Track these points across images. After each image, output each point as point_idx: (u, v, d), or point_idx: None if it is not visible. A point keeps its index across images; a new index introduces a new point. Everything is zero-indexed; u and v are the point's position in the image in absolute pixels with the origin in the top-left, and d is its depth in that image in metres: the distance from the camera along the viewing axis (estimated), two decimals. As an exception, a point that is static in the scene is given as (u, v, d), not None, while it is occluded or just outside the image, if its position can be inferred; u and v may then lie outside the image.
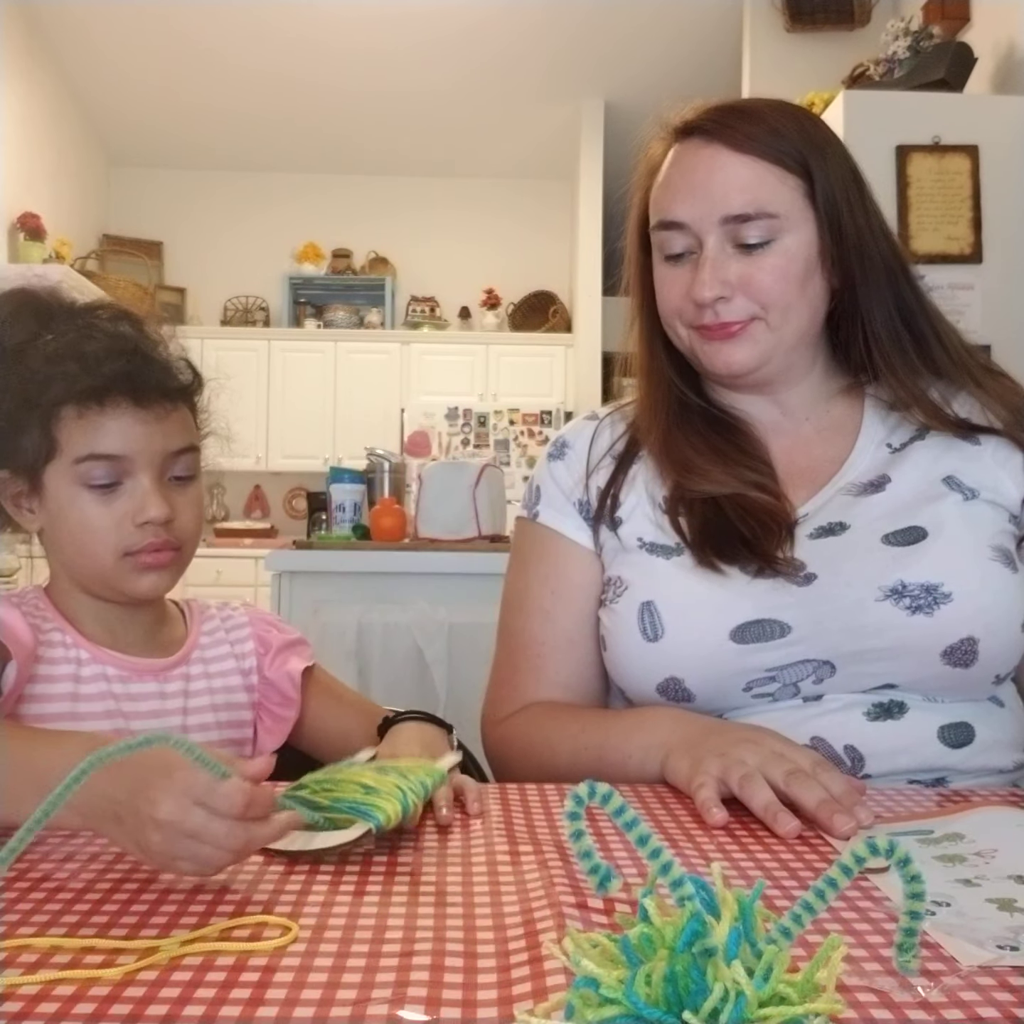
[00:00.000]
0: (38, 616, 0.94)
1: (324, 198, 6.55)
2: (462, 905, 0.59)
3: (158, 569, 0.93)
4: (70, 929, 0.55)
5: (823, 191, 0.95)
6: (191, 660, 1.01)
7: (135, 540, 0.91)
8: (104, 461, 0.90)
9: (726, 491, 0.97)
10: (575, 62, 5.37)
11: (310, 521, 3.60)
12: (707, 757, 0.79)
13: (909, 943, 0.48)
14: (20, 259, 5.09)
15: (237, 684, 1.03)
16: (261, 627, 1.06)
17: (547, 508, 1.07)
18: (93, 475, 0.90)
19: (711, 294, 0.94)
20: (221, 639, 1.04)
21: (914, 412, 1.00)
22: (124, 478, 0.91)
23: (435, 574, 2.38)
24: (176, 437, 0.94)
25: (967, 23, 3.20)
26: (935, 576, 0.90)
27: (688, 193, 0.95)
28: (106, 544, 0.91)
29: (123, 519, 0.91)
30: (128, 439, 0.91)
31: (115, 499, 0.91)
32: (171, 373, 0.95)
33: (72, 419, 0.90)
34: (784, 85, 3.51)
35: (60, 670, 0.92)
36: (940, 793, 0.84)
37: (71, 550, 0.93)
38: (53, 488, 0.92)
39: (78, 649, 0.94)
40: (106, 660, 0.95)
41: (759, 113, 0.96)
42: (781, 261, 0.94)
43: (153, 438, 0.92)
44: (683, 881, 0.42)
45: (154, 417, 0.92)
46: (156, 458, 0.92)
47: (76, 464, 0.90)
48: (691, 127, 0.98)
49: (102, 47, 5.30)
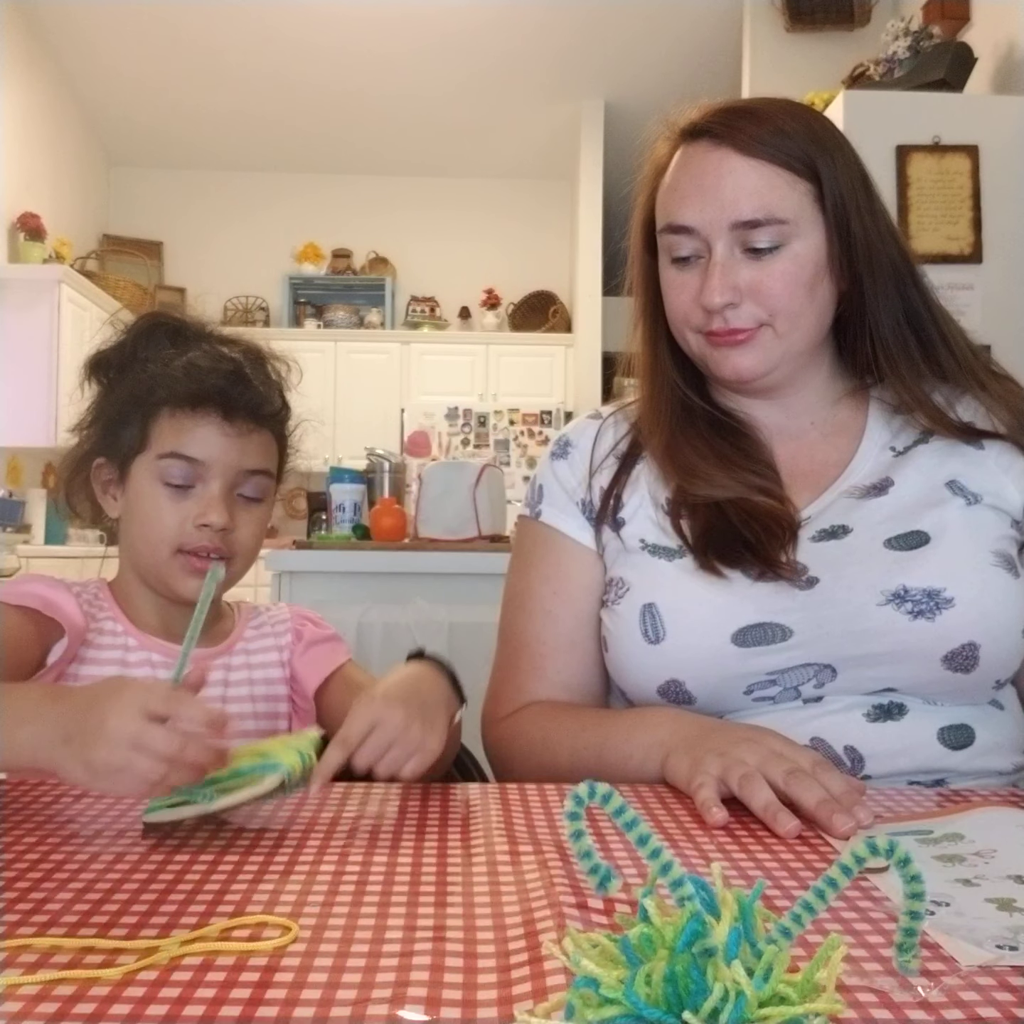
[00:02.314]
0: (95, 605, 1.03)
1: (324, 198, 6.55)
2: (462, 905, 0.59)
3: (204, 573, 0.97)
4: (70, 929, 0.55)
5: (832, 195, 0.94)
6: (235, 651, 1.07)
7: (191, 539, 0.99)
8: (183, 461, 0.99)
9: (729, 495, 0.97)
10: (575, 62, 5.37)
11: (310, 521, 3.60)
12: (707, 756, 0.79)
13: (909, 943, 0.48)
14: (20, 259, 5.09)
15: (278, 676, 1.09)
16: (298, 621, 1.14)
17: (549, 507, 1.06)
18: (171, 472, 0.99)
19: (721, 300, 0.93)
20: (267, 632, 1.11)
21: (918, 416, 1.00)
22: (197, 482, 0.99)
23: (435, 574, 2.38)
24: (254, 457, 1.02)
25: (967, 23, 3.20)
26: (937, 581, 0.89)
27: (697, 198, 0.95)
28: (165, 537, 0.99)
29: (186, 518, 0.99)
30: (208, 446, 0.99)
31: (185, 499, 0.99)
32: (263, 398, 1.04)
33: (166, 418, 0.99)
34: (784, 85, 3.51)
35: (108, 655, 1.00)
36: (940, 793, 0.84)
37: (136, 537, 1.01)
38: (136, 478, 1.01)
39: (127, 637, 1.02)
40: (153, 647, 1.02)
41: (767, 115, 0.95)
42: (791, 267, 0.94)
43: (231, 452, 1.00)
44: (683, 881, 0.42)
45: (236, 432, 1.00)
46: (230, 472, 1.00)
47: (159, 459, 0.99)
48: (699, 129, 0.96)
49: (102, 48, 5.31)
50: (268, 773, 0.72)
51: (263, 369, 1.07)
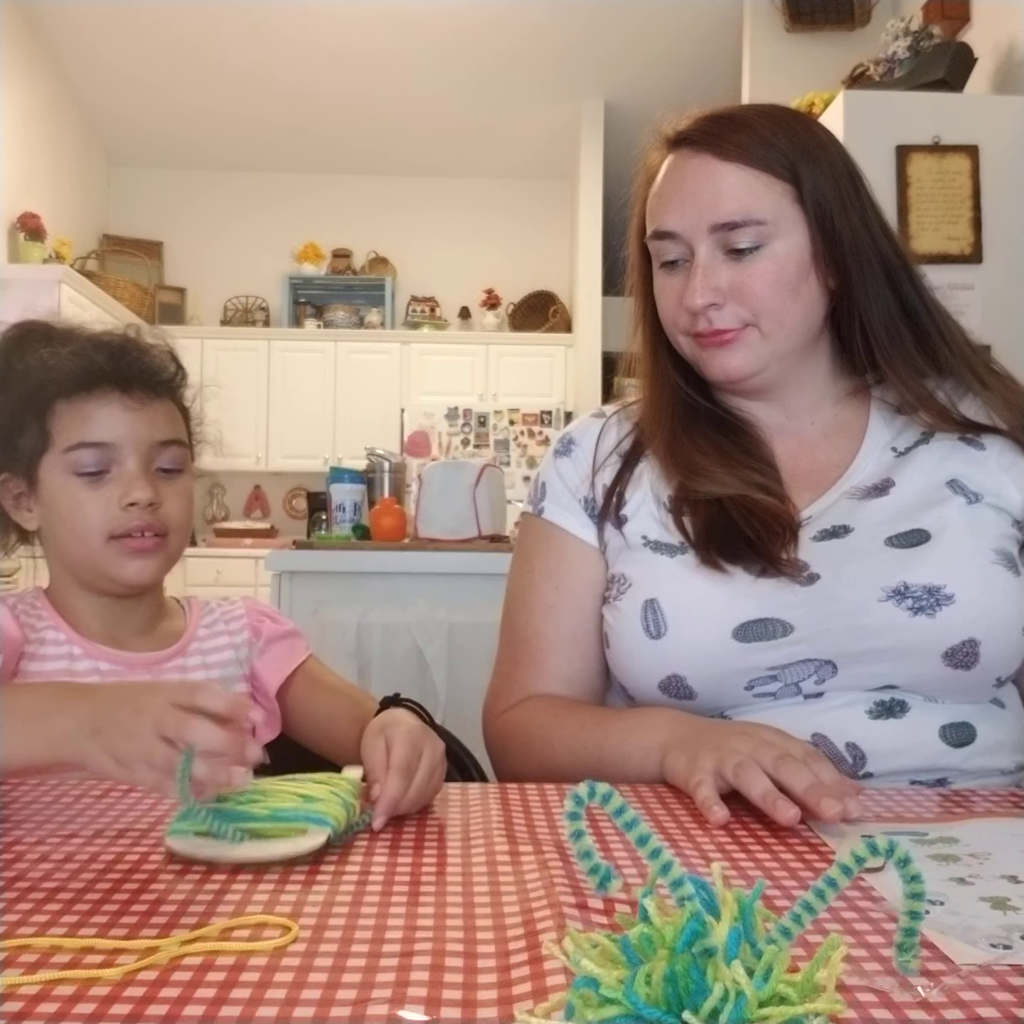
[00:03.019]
0: (33, 615, 0.98)
1: (324, 198, 6.55)
2: (462, 905, 0.59)
3: (143, 554, 0.97)
4: (70, 929, 0.55)
5: (812, 194, 0.95)
6: (188, 652, 1.03)
7: (121, 523, 0.96)
8: (92, 449, 0.95)
9: (730, 492, 0.97)
10: (575, 62, 5.37)
11: (310, 521, 3.60)
12: (702, 752, 0.79)
13: (909, 943, 0.48)
14: (20, 259, 5.09)
15: (236, 675, 1.05)
16: (255, 617, 1.10)
17: (552, 504, 1.07)
18: (82, 462, 0.96)
19: (702, 301, 0.95)
20: (220, 631, 1.07)
21: (921, 413, 1.00)
22: (112, 465, 0.96)
23: (435, 574, 2.38)
24: (162, 428, 0.99)
25: (967, 23, 3.20)
26: (938, 578, 0.90)
27: (678, 203, 0.97)
28: (93, 527, 0.96)
29: (110, 502, 0.96)
30: (114, 426, 0.96)
31: (103, 485, 0.96)
32: (156, 365, 1.01)
33: (63, 410, 0.96)
34: (784, 85, 3.51)
35: (53, 666, 0.96)
36: (940, 793, 0.84)
37: (63, 536, 0.98)
38: (47, 479, 0.97)
39: (71, 645, 0.97)
40: (99, 655, 0.98)
41: (748, 121, 0.97)
42: (772, 267, 0.95)
43: (139, 426, 0.97)
44: (683, 881, 0.42)
45: (139, 405, 0.97)
46: (142, 446, 0.97)
47: (66, 453, 0.96)
48: (682, 137, 0.99)
49: (102, 48, 5.30)
50: (312, 826, 0.66)
51: (147, 340, 1.03)
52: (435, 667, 2.31)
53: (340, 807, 0.69)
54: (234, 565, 5.57)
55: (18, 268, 5.03)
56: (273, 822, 0.67)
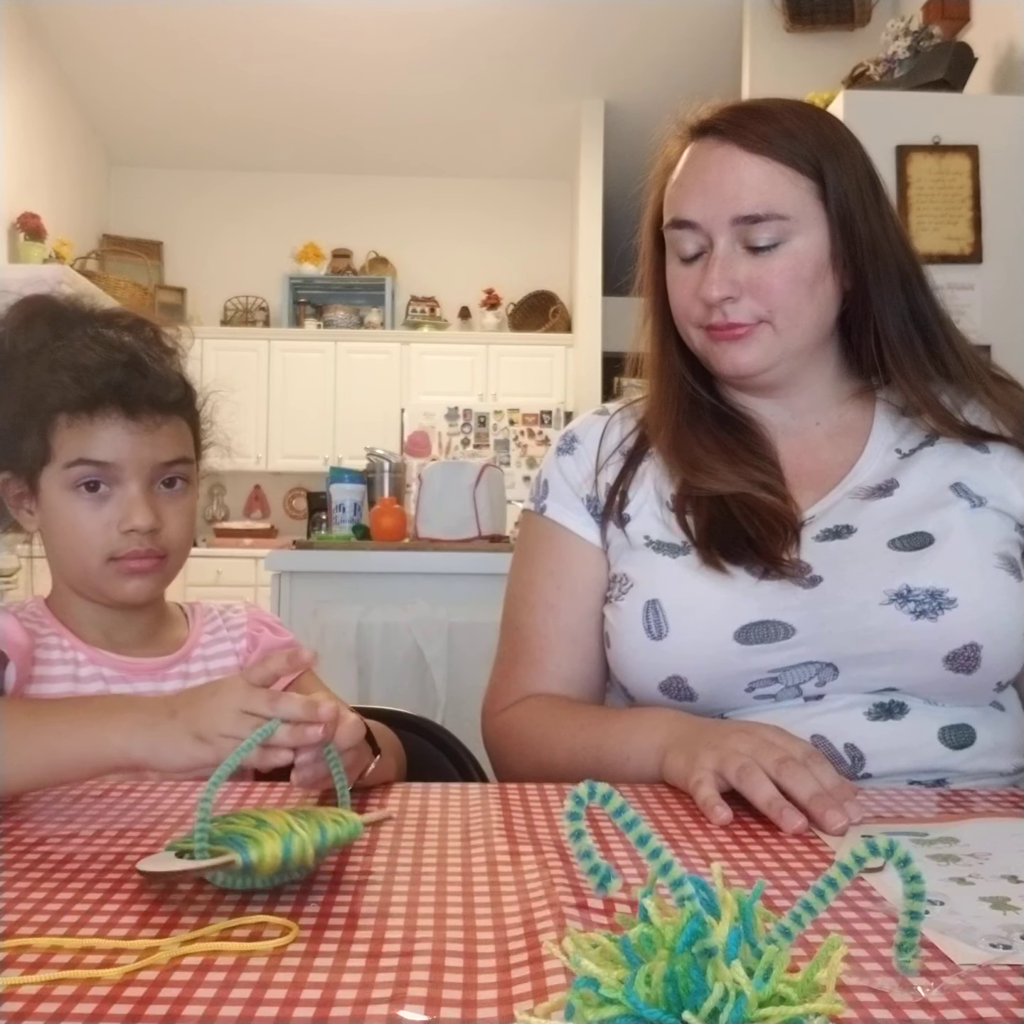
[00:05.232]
0: (35, 622, 0.97)
1: (324, 198, 6.55)
2: (462, 905, 0.59)
3: (141, 574, 0.96)
4: (70, 929, 0.55)
5: (835, 193, 0.95)
6: (191, 659, 1.02)
7: (120, 546, 0.94)
8: (93, 467, 0.93)
9: (733, 490, 0.97)
10: (575, 62, 5.37)
11: (310, 521, 3.60)
12: (701, 751, 0.79)
13: (909, 943, 0.48)
14: (20, 259, 5.09)
15: None
16: (254, 626, 1.08)
17: (554, 502, 1.07)
18: (83, 480, 0.93)
19: (719, 294, 0.94)
20: (223, 637, 1.06)
21: (925, 417, 1.00)
22: (113, 485, 0.94)
23: (435, 574, 2.39)
24: (167, 449, 0.96)
25: (967, 23, 3.20)
26: (940, 582, 0.89)
27: (700, 192, 0.95)
28: (92, 547, 0.94)
29: (110, 525, 0.94)
30: (117, 448, 0.93)
31: (103, 505, 0.94)
32: (164, 386, 0.97)
33: (64, 426, 0.93)
34: (784, 85, 3.51)
35: (58, 671, 0.95)
36: (940, 793, 0.84)
37: (61, 551, 0.97)
38: (48, 491, 0.95)
39: (75, 651, 0.97)
40: (102, 662, 0.97)
41: (774, 114, 0.96)
42: (790, 263, 0.94)
43: (142, 448, 0.94)
44: (683, 881, 0.42)
45: (144, 428, 0.94)
46: (145, 468, 0.95)
47: (67, 469, 0.93)
48: (706, 126, 0.98)
49: (102, 48, 5.30)
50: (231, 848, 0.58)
51: (157, 347, 0.99)
52: (435, 667, 2.31)
53: (277, 841, 0.59)
54: (234, 565, 5.57)
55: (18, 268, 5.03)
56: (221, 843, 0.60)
